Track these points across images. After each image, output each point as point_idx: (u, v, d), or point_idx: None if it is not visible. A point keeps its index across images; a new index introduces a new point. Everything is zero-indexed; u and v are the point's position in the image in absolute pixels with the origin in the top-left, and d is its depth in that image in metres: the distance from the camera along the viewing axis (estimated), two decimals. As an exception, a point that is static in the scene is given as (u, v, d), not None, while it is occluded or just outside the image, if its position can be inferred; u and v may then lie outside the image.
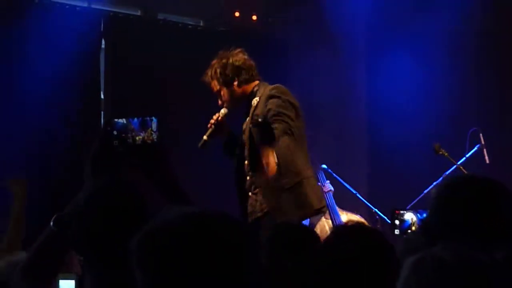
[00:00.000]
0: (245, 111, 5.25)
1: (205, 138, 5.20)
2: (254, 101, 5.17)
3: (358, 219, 6.31)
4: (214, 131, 5.22)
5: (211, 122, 5.23)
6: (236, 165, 5.33)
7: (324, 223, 6.85)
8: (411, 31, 8.63)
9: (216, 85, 5.26)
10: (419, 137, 8.11)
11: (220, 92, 5.26)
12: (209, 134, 5.20)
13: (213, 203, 4.98)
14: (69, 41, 7.49)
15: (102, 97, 8.04)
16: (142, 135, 2.66)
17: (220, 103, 5.28)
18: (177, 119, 7.69)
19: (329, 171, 7.08)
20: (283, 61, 8.95)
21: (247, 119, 5.21)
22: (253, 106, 5.17)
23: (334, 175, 7.12)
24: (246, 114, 5.24)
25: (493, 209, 2.32)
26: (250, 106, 5.20)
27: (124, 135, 2.66)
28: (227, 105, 5.25)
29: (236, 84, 5.22)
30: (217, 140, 5.35)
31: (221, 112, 5.25)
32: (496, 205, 2.33)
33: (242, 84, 5.22)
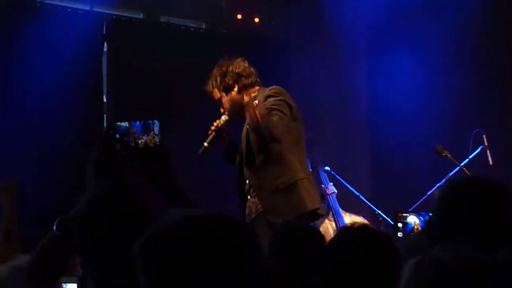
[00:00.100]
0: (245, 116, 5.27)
1: (206, 144, 5.22)
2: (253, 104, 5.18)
3: (361, 221, 6.31)
4: (214, 137, 5.25)
5: (212, 128, 5.26)
6: (237, 171, 5.36)
7: (327, 225, 6.85)
8: (412, 32, 8.63)
9: (217, 94, 5.30)
10: (421, 138, 8.09)
11: (221, 100, 5.29)
12: (209, 140, 5.23)
13: (215, 206, 4.98)
14: (72, 45, 7.49)
15: (104, 100, 8.04)
16: (144, 138, 2.65)
17: (222, 111, 5.31)
18: (180, 122, 7.69)
19: (332, 173, 7.08)
20: (284, 63, 8.95)
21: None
22: None
23: (337, 177, 7.12)
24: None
25: (496, 210, 2.31)
26: None
27: (126, 138, 2.65)
28: (228, 112, 5.27)
29: (236, 90, 5.24)
30: (219, 144, 5.37)
31: (222, 118, 5.28)
32: (499, 207, 2.32)
33: (242, 90, 5.24)
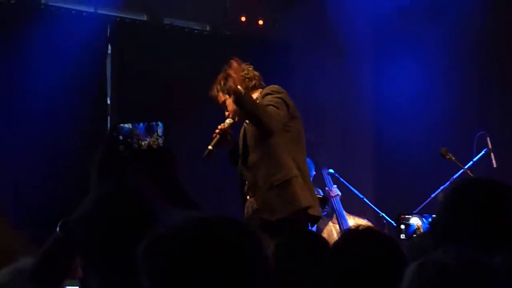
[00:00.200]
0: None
1: (210, 147, 5.27)
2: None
3: (365, 224, 6.30)
4: (219, 140, 5.29)
5: (216, 131, 5.29)
6: (238, 172, 5.38)
7: (331, 228, 6.85)
8: (416, 34, 8.62)
9: (221, 97, 5.34)
10: (425, 141, 8.09)
11: (225, 103, 5.31)
12: (214, 143, 5.27)
13: (218, 208, 4.98)
14: (76, 47, 7.50)
15: (108, 102, 8.04)
16: (147, 140, 2.65)
17: (227, 114, 5.34)
18: (183, 124, 7.69)
19: (336, 175, 7.08)
20: (288, 65, 8.94)
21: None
22: None
23: (341, 179, 7.12)
24: None
25: (501, 212, 2.31)
26: None
27: (129, 140, 2.65)
28: (232, 115, 5.29)
29: None
30: (223, 147, 5.40)
31: (226, 122, 5.32)
32: (503, 208, 2.32)
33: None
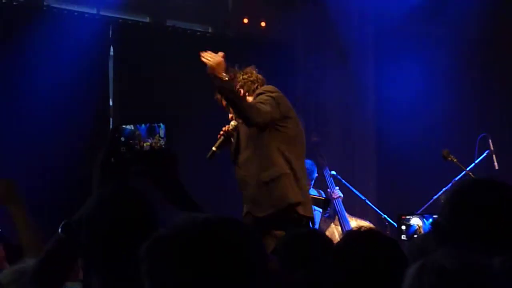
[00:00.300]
0: None
1: (214, 149, 5.30)
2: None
3: (367, 225, 6.30)
4: (223, 142, 5.33)
5: (221, 133, 5.31)
6: None
7: (333, 229, 6.86)
8: (418, 35, 8.63)
9: (224, 100, 5.32)
10: (427, 143, 8.09)
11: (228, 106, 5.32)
12: (218, 145, 5.31)
13: (220, 209, 4.99)
14: (78, 48, 7.51)
15: (110, 103, 8.05)
16: (149, 141, 2.65)
17: (230, 117, 5.37)
18: (186, 125, 7.70)
19: (338, 177, 7.09)
20: (291, 66, 8.95)
21: None
22: None
23: (343, 181, 7.12)
24: None
25: (503, 213, 2.30)
26: None
27: (131, 141, 2.64)
28: (235, 116, 5.30)
29: (241, 95, 5.28)
30: (227, 148, 5.43)
31: (231, 124, 5.37)
32: (506, 209, 2.31)
33: (247, 95, 5.26)
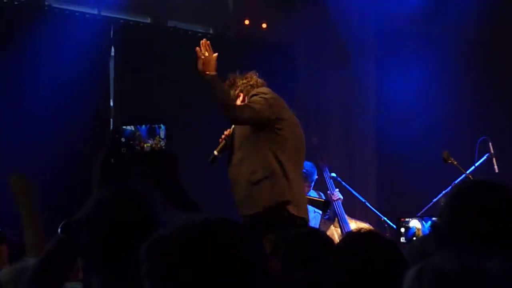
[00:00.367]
0: None
1: (216, 153, 5.30)
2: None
3: (367, 227, 6.30)
4: (224, 146, 5.33)
5: (222, 137, 5.31)
6: None
7: (333, 232, 6.85)
8: (420, 37, 8.63)
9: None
10: (428, 145, 8.09)
11: None
12: (219, 149, 5.32)
13: (220, 210, 4.99)
14: (79, 49, 7.51)
15: (111, 104, 8.05)
16: (150, 142, 2.65)
17: None
18: (186, 127, 7.69)
19: (338, 179, 7.08)
20: (292, 67, 8.95)
21: None
22: None
23: (343, 183, 7.12)
24: None
25: (503, 214, 2.30)
26: None
27: (132, 142, 2.65)
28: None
29: (240, 99, 5.29)
30: (227, 152, 5.42)
31: (232, 127, 5.34)
32: (506, 210, 2.31)
33: (247, 99, 5.27)
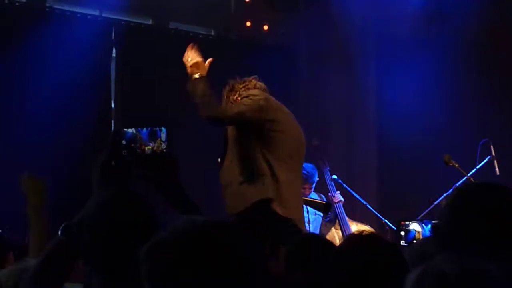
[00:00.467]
0: None
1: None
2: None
3: (368, 230, 6.29)
4: None
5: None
6: None
7: (334, 234, 6.84)
8: (421, 40, 8.62)
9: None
10: (429, 148, 8.09)
11: None
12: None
13: (221, 213, 4.98)
14: (80, 50, 7.51)
15: (112, 106, 8.05)
16: (151, 145, 2.65)
17: None
18: (187, 129, 7.68)
19: (339, 181, 7.07)
20: (293, 70, 8.95)
21: None
22: None
23: (344, 185, 7.11)
24: None
25: (504, 216, 2.29)
26: None
27: (133, 145, 2.64)
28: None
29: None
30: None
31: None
32: (507, 212, 2.30)
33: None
